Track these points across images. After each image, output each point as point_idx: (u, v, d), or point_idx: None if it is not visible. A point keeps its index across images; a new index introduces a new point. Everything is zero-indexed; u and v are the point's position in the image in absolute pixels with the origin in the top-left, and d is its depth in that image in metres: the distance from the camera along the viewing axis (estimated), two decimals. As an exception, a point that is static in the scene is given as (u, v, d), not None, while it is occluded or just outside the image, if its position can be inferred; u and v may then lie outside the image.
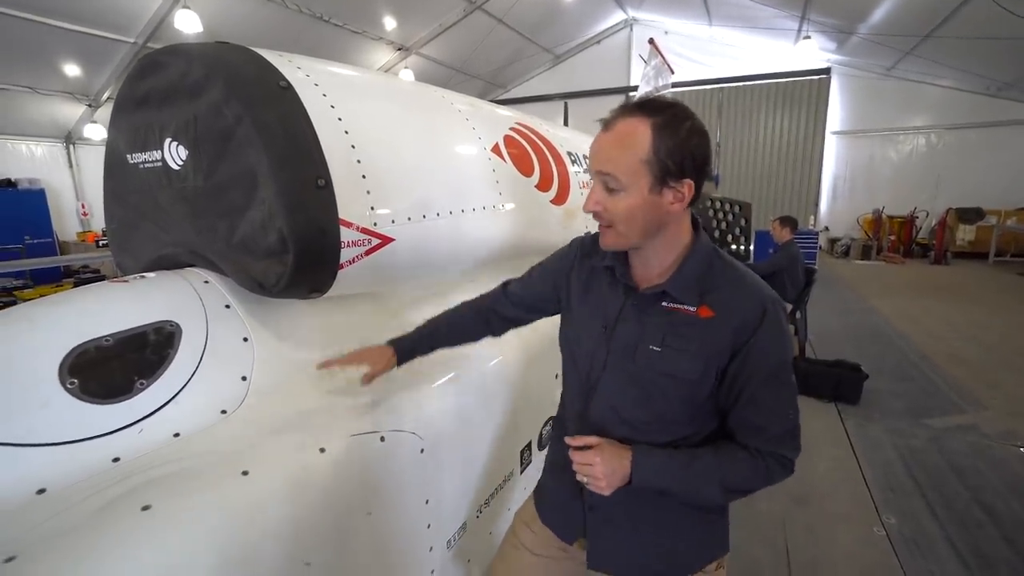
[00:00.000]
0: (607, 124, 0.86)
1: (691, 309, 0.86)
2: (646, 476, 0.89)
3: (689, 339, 0.86)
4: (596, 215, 0.89)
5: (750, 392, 0.86)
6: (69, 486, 0.76)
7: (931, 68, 9.76)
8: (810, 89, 11.39)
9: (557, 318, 1.16)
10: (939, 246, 10.24)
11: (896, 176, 11.39)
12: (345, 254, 1.11)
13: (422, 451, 1.18)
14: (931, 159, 11.07)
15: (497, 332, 1.26)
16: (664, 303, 0.89)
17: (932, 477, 2.77)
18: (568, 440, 0.93)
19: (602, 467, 0.88)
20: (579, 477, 0.92)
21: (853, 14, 8.79)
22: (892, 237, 11.15)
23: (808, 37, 9.48)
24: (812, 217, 11.49)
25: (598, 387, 0.97)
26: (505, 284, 1.25)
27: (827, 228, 12.02)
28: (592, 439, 0.92)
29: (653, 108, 0.82)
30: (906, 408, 3.63)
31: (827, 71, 11.09)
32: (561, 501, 1.10)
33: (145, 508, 0.72)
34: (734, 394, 0.88)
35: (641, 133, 0.80)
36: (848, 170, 11.80)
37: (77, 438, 0.81)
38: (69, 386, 0.84)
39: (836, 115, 11.56)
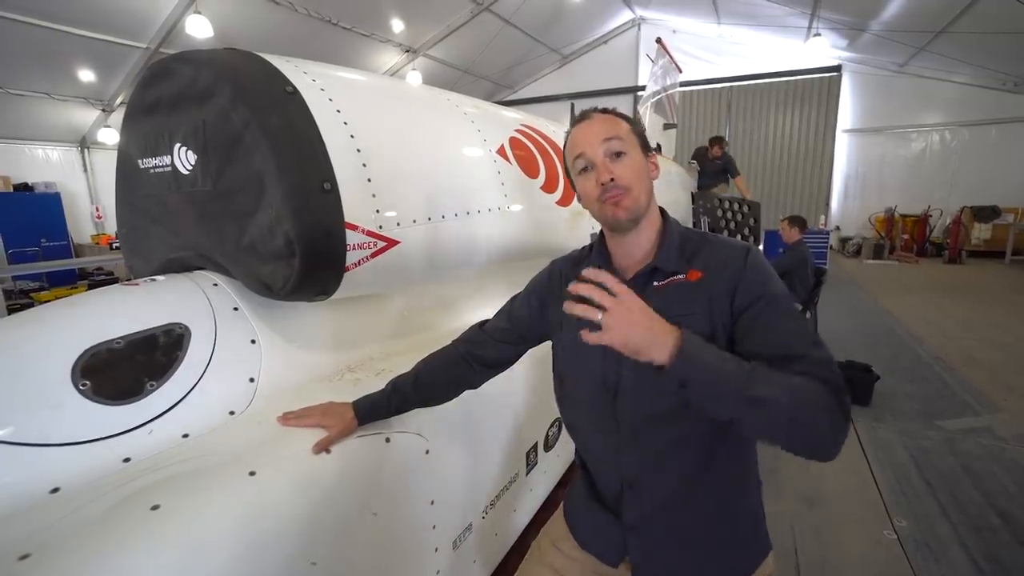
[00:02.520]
0: (583, 118, 0.96)
1: (682, 276, 0.89)
2: (695, 349, 0.70)
3: (689, 303, 0.86)
4: (610, 185, 0.89)
5: (760, 322, 0.81)
6: (81, 486, 0.78)
7: (945, 64, 9.59)
8: (820, 87, 11.26)
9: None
10: (954, 245, 10.06)
11: (909, 174, 11.22)
12: (351, 257, 1.13)
13: (427, 452, 1.19)
14: (945, 157, 10.88)
15: (476, 382, 1.15)
16: (656, 281, 0.91)
17: (945, 480, 2.73)
18: (588, 273, 0.74)
19: (631, 306, 0.71)
20: (581, 312, 0.72)
21: (865, 10, 8.66)
22: (905, 236, 10.98)
23: (819, 34, 9.36)
24: (823, 216, 11.35)
25: (620, 388, 0.91)
26: (481, 324, 1.15)
27: (838, 227, 11.86)
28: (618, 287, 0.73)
29: (611, 110, 0.98)
30: (919, 410, 3.57)
31: (838, 69, 10.95)
32: (598, 525, 1.03)
33: (154, 508, 0.73)
34: (748, 333, 0.81)
35: (614, 117, 0.95)
36: (859, 169, 11.64)
37: (89, 438, 0.83)
38: (81, 387, 0.86)
39: (847, 113, 11.41)
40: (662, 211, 0.99)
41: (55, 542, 0.67)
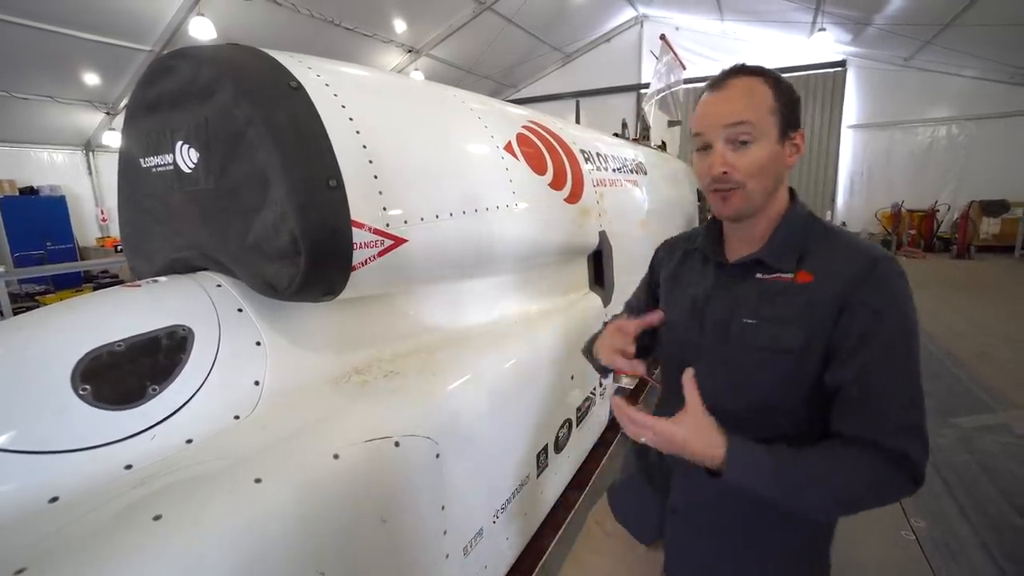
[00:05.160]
0: (718, 85, 0.83)
1: (788, 276, 0.80)
2: (741, 466, 0.71)
3: (786, 307, 0.78)
4: (721, 179, 0.80)
5: (858, 363, 0.72)
6: (81, 494, 0.75)
7: (951, 58, 9.48)
8: (825, 82, 11.17)
9: (553, 327, 1.12)
10: (962, 240, 9.96)
11: (916, 169, 11.11)
12: (358, 255, 1.09)
13: (437, 456, 1.15)
14: (952, 151, 10.77)
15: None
16: (758, 274, 0.83)
17: (962, 478, 2.68)
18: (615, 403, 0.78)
19: (663, 443, 0.74)
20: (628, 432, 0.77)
21: (869, 4, 8.57)
22: (912, 231, 10.88)
23: (823, 29, 9.28)
24: (829, 212, 11.27)
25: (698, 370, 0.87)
26: (627, 306, 1.21)
27: (844, 223, 11.77)
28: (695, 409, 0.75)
29: (758, 69, 0.84)
30: (932, 407, 3.48)
31: (843, 64, 10.86)
32: (641, 502, 1.02)
33: (157, 517, 0.71)
34: (841, 370, 0.74)
35: (761, 86, 0.81)
36: (865, 164, 11.54)
37: (90, 445, 0.81)
38: (82, 392, 0.83)
39: (852, 108, 11.31)
40: (792, 192, 0.88)
41: (53, 555, 0.64)
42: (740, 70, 0.83)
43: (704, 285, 0.91)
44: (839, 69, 10.94)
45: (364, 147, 1.12)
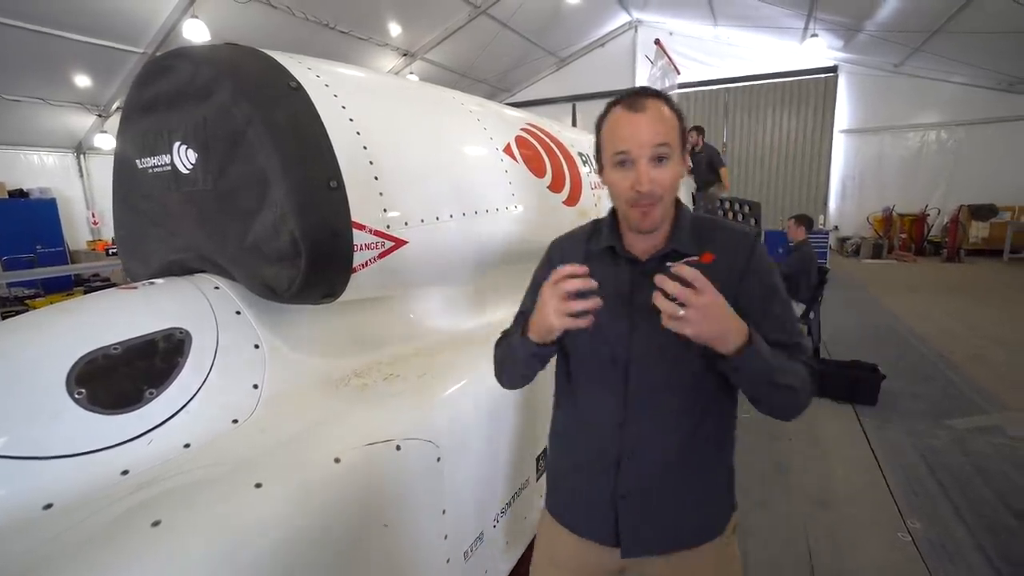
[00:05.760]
0: (637, 106, 0.91)
1: (696, 258, 0.93)
2: (759, 342, 0.83)
3: None
4: (647, 194, 0.89)
5: (762, 309, 0.92)
6: (76, 501, 0.73)
7: (940, 64, 9.62)
8: (817, 88, 11.27)
9: None
10: (952, 244, 10.07)
11: (906, 174, 11.23)
12: (358, 257, 1.09)
13: (438, 460, 1.14)
14: (942, 156, 10.91)
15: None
16: (669, 263, 0.92)
17: (957, 480, 2.69)
18: (675, 268, 0.79)
19: (711, 302, 0.77)
20: (666, 307, 0.77)
21: (861, 11, 8.68)
22: (903, 235, 10.99)
23: (815, 35, 9.38)
24: (821, 216, 11.36)
25: (630, 362, 0.95)
26: (508, 329, 1.10)
27: (836, 227, 11.87)
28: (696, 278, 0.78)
29: (662, 94, 0.95)
30: (926, 409, 3.54)
31: (834, 69, 10.97)
32: (591, 501, 1.03)
33: (155, 524, 0.69)
34: (754, 316, 0.89)
35: (668, 110, 0.92)
36: (857, 169, 11.65)
37: (85, 450, 0.79)
38: (77, 396, 0.81)
39: (844, 113, 11.43)
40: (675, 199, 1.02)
41: (47, 563, 0.62)
42: (651, 94, 0.93)
43: (621, 281, 0.98)
44: (831, 75, 11.05)
45: (365, 147, 1.12)
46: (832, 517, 2.43)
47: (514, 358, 0.99)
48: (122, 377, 0.87)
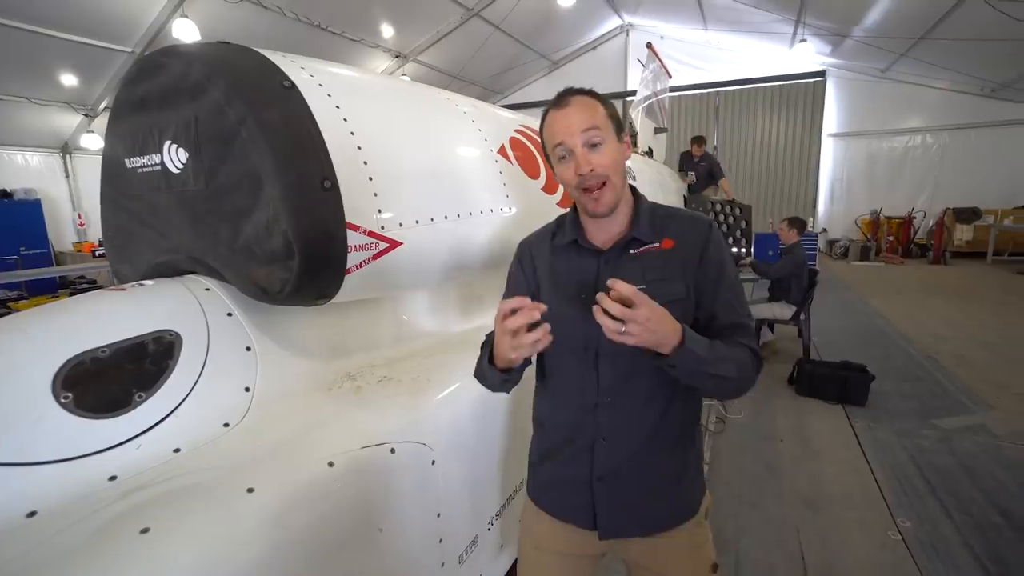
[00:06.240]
0: (563, 103, 0.98)
1: (656, 245, 1.00)
2: (692, 339, 0.88)
3: (664, 268, 0.99)
4: (588, 176, 0.95)
5: (714, 292, 0.99)
6: (62, 508, 0.71)
7: (926, 70, 9.80)
8: (806, 92, 11.42)
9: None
10: (937, 246, 10.24)
11: (893, 177, 11.41)
12: (352, 258, 1.07)
13: (433, 463, 1.13)
14: (927, 160, 11.09)
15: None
16: (632, 250, 1.00)
17: (945, 479, 2.73)
18: (612, 284, 0.83)
19: (648, 315, 0.81)
20: (608, 324, 0.81)
21: (848, 17, 8.82)
22: (890, 238, 11.15)
23: (804, 40, 9.51)
24: (810, 219, 11.49)
25: (600, 350, 0.99)
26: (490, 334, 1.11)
27: (825, 230, 12.02)
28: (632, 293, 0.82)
29: (587, 90, 1.01)
30: (914, 409, 3.59)
31: (823, 74, 11.12)
32: (568, 485, 1.06)
33: (144, 531, 0.67)
34: (708, 296, 0.99)
35: (592, 101, 0.98)
36: (845, 172, 11.81)
37: (71, 456, 0.77)
38: (63, 400, 0.79)
39: (832, 117, 11.59)
40: (632, 188, 1.08)
41: (31, 572, 0.60)
42: (575, 91, 1.00)
43: (589, 270, 1.02)
44: (819, 79, 11.20)
45: (359, 147, 1.11)
46: (823, 516, 2.45)
47: (490, 381, 1.02)
48: (110, 380, 0.85)
